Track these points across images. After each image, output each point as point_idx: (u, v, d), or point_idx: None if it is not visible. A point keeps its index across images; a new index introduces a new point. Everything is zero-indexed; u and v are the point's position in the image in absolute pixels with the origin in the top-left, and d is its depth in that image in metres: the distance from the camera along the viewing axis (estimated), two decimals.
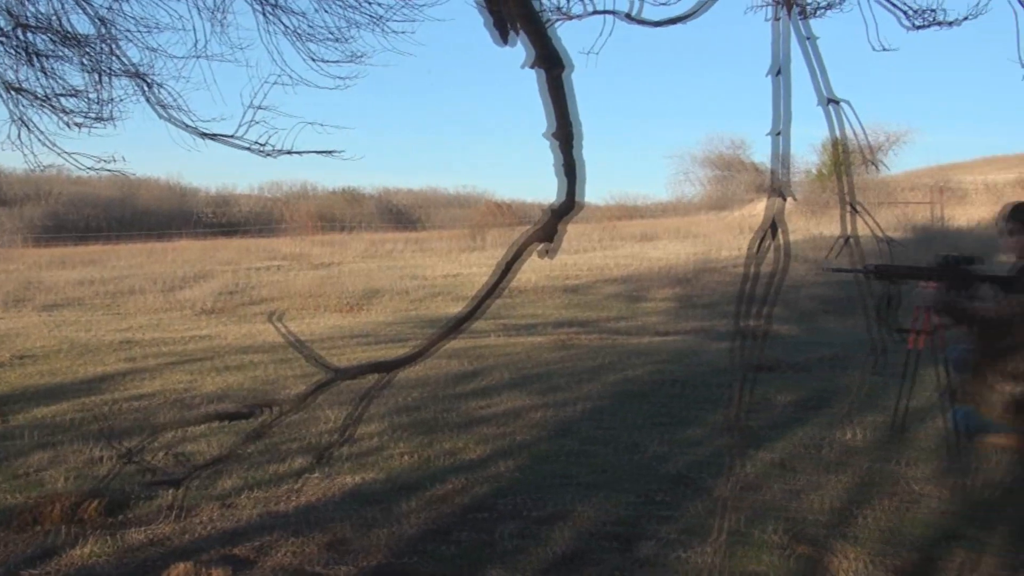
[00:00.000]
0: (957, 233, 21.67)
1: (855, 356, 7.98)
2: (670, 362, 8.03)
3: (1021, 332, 4.36)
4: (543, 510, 3.87)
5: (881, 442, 4.79)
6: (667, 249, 27.68)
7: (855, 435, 4.92)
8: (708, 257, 22.30)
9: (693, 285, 17.74)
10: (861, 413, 5.47)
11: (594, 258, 25.62)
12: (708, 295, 16.31)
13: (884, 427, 5.08)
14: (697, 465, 4.53)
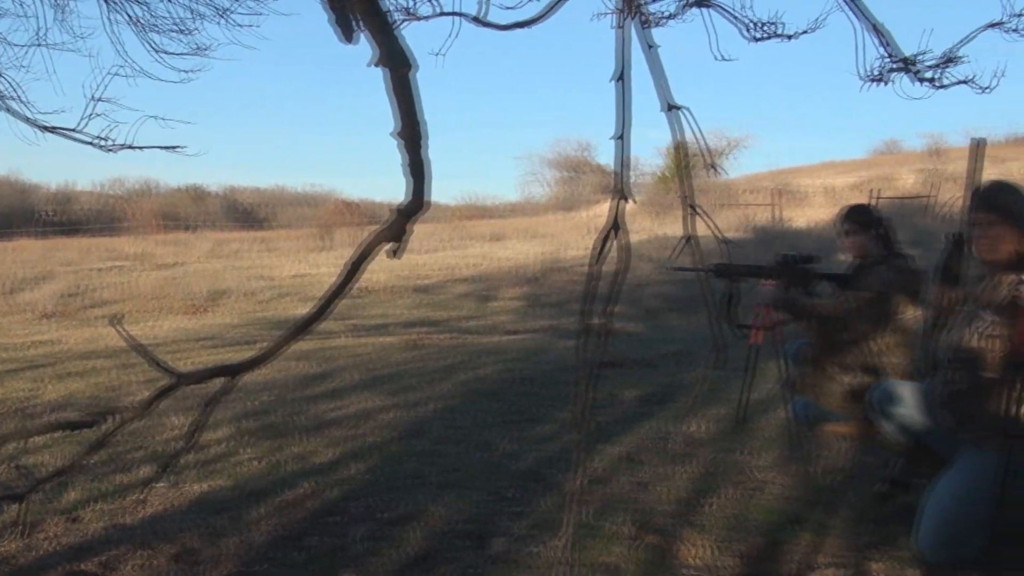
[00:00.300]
0: (797, 234, 22.60)
1: (698, 352, 8.24)
2: (519, 360, 8.10)
3: (856, 327, 4.59)
4: (395, 511, 3.84)
5: (725, 433, 4.95)
6: (516, 249, 27.89)
7: (700, 428, 5.07)
8: (556, 257, 22.58)
9: (541, 284, 17.94)
10: (705, 406, 5.64)
11: (444, 258, 25.60)
12: (556, 294, 16.52)
13: (728, 419, 5.25)
14: (547, 461, 4.58)
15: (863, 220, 4.79)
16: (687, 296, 14.05)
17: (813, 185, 39.29)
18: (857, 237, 4.80)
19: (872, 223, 4.79)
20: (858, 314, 4.59)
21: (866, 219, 4.80)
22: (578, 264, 20.18)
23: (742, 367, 5.14)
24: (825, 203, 36.37)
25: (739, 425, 5.07)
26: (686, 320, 12.26)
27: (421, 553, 3.35)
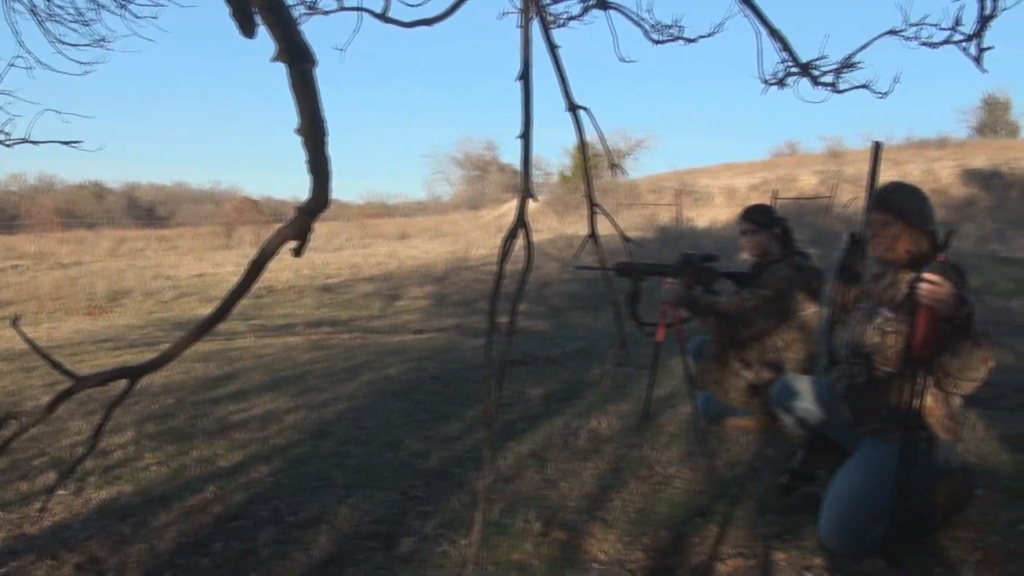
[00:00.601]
0: (698, 233, 23.01)
1: (603, 349, 8.33)
2: (426, 359, 8.08)
3: (756, 324, 4.69)
4: (302, 514, 3.79)
5: (630, 429, 5.01)
6: (422, 248, 27.84)
7: (605, 424, 5.12)
8: (462, 256, 22.61)
9: (448, 283, 17.93)
10: (610, 403, 5.70)
11: (349, 257, 25.40)
12: (463, 293, 16.53)
13: (633, 415, 5.31)
14: (455, 460, 4.57)
15: (763, 220, 4.89)
16: (592, 294, 14.21)
17: (715, 186, 40.08)
18: (757, 236, 4.89)
19: (772, 223, 4.89)
20: (758, 311, 4.68)
21: (766, 219, 4.89)
22: (484, 263, 20.24)
23: (646, 364, 5.21)
24: (726, 203, 37.15)
25: (644, 421, 5.13)
26: (591, 318, 12.39)
27: (329, 556, 3.31)
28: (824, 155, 44.19)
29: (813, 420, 3.65)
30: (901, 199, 3.31)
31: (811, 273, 4.79)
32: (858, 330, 3.34)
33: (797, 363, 4.75)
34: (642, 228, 25.77)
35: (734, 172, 44.11)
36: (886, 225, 3.31)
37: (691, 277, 4.89)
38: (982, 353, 2.91)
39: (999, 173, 33.90)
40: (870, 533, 3.13)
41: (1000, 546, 3.14)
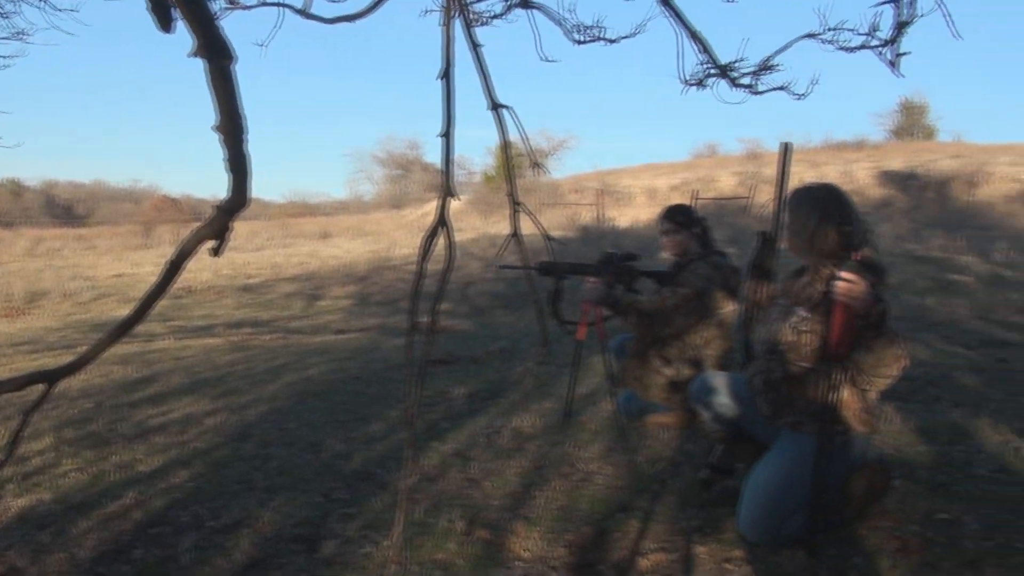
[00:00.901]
0: (620, 233, 23.21)
1: (526, 348, 8.35)
2: (348, 360, 8.02)
3: (676, 321, 4.74)
4: (223, 518, 3.73)
5: (553, 427, 5.03)
6: (344, 247, 27.62)
7: (528, 422, 5.13)
8: (385, 255, 22.49)
9: (370, 283, 17.82)
10: (533, 401, 5.72)
11: (270, 256, 25.09)
12: (385, 292, 16.45)
13: (555, 413, 5.33)
14: (377, 460, 4.55)
15: (683, 220, 4.95)
16: (515, 294, 14.24)
17: (636, 186, 40.47)
18: (677, 236, 4.95)
19: (692, 223, 4.95)
20: (678, 309, 4.74)
21: (686, 219, 4.95)
22: (407, 262, 20.15)
23: (568, 362, 5.23)
24: (647, 203, 37.53)
25: (566, 419, 5.15)
26: (514, 317, 12.41)
27: (251, 560, 3.27)
28: (743, 156, 44.93)
29: (731, 415, 3.71)
30: (802, 202, 3.38)
31: (730, 272, 4.87)
32: (775, 327, 3.40)
33: (716, 360, 4.82)
34: (565, 227, 25.89)
35: (655, 172, 44.59)
36: (791, 225, 3.40)
37: (612, 276, 4.93)
38: (896, 351, 2.98)
39: (915, 174, 34.84)
40: (788, 524, 3.20)
41: (918, 535, 3.23)
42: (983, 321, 9.14)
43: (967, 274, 13.65)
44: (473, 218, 36.27)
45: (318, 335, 11.05)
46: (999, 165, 34.21)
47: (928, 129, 52.95)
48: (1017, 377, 6.06)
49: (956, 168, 34.14)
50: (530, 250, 2.11)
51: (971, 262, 14.81)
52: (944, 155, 38.12)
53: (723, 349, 4.85)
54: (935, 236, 18.41)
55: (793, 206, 3.40)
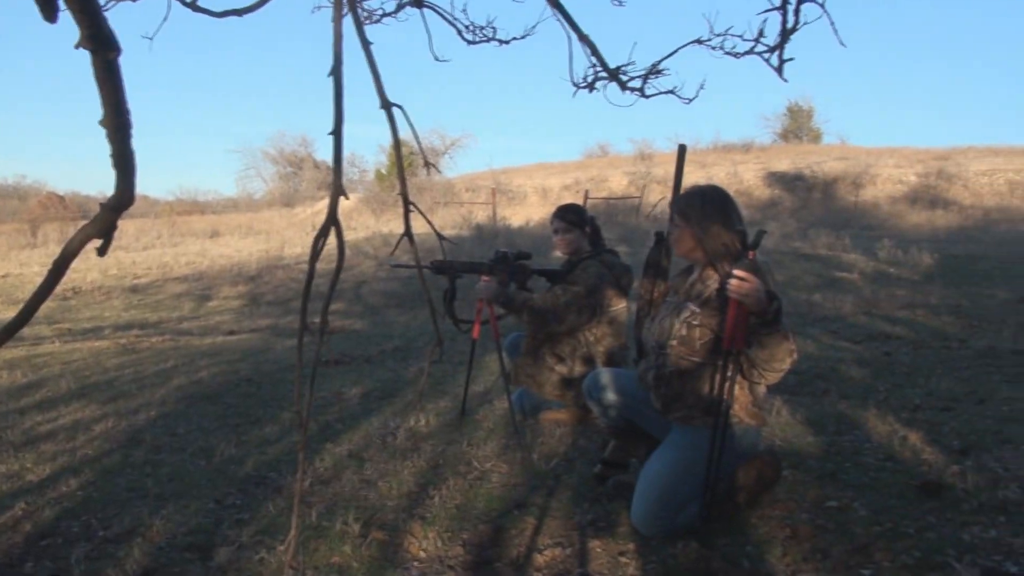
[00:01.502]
0: (513, 232, 23.32)
1: (420, 347, 8.34)
2: (240, 361, 7.90)
3: (568, 319, 4.79)
4: (115, 528, 3.63)
5: (448, 426, 5.04)
6: (235, 246, 27.11)
7: (423, 422, 5.13)
8: (276, 254, 22.15)
9: (262, 283, 17.55)
10: (428, 401, 5.72)
11: (158, 255, 24.47)
12: (277, 292, 16.22)
13: (450, 412, 5.35)
14: (270, 464, 4.49)
15: (575, 219, 5.00)
16: (408, 293, 14.20)
17: (529, 185, 40.72)
18: (569, 235, 5.01)
19: (583, 222, 5.01)
20: (570, 307, 4.79)
21: (578, 218, 5.01)
22: (299, 261, 19.91)
23: (463, 361, 5.25)
24: (540, 203, 37.81)
25: (462, 417, 5.17)
26: (408, 316, 12.39)
27: (144, 570, 3.19)
28: (634, 157, 45.55)
29: (623, 410, 3.77)
30: (691, 203, 3.46)
31: (621, 270, 4.95)
32: (666, 323, 3.47)
33: (608, 356, 4.90)
34: (458, 226, 25.91)
35: (548, 172, 44.92)
36: (679, 227, 3.48)
37: (506, 275, 4.97)
38: (788, 345, 3.08)
39: (802, 176, 35.87)
40: (681, 516, 3.27)
41: (808, 522, 3.34)
42: (868, 316, 9.48)
43: (853, 271, 14.15)
44: (366, 217, 36.00)
45: (208, 337, 10.85)
46: (884, 167, 35.47)
47: (814, 132, 54.55)
48: (902, 369, 6.30)
49: (842, 170, 35.27)
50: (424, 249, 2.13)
51: (856, 260, 15.36)
52: (830, 157, 39.34)
53: (615, 346, 4.93)
54: (821, 235, 19.00)
55: (685, 208, 3.46)
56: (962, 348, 7.14)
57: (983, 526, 3.21)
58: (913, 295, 11.26)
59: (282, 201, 54.99)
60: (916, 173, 33.99)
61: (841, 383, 5.86)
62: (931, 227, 24.99)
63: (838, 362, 6.62)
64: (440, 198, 37.38)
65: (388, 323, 11.63)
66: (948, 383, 5.69)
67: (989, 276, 13.31)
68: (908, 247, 15.50)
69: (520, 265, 5.04)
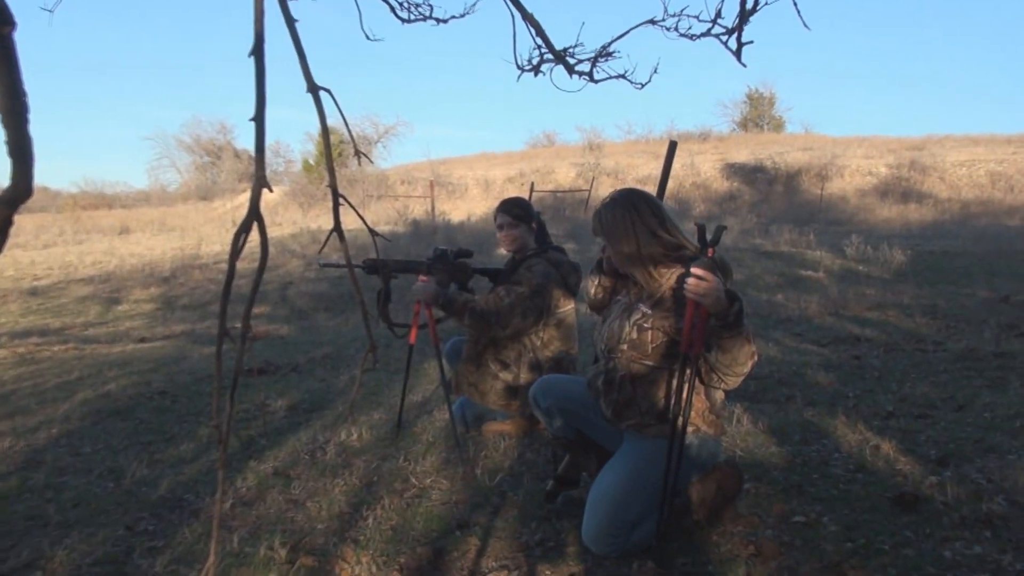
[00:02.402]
0: (453, 227, 23.29)
1: (352, 354, 8.30)
2: (153, 372, 7.79)
3: (513, 321, 4.79)
4: (12, 560, 3.55)
5: (383, 440, 5.02)
6: (146, 244, 26.78)
7: (356, 435, 5.11)
8: (193, 253, 21.92)
9: (177, 284, 17.34)
10: (361, 412, 5.69)
11: (61, 254, 24.09)
12: (193, 295, 16.04)
13: (385, 424, 5.33)
14: (187, 485, 4.44)
15: (520, 213, 5.00)
16: (338, 294, 14.12)
17: (470, 177, 40.77)
18: (514, 231, 5.01)
19: (529, 216, 5.01)
20: (515, 309, 4.79)
21: (523, 212, 5.01)
22: (218, 261, 19.72)
23: (399, 368, 5.23)
24: (482, 196, 37.86)
25: (398, 430, 5.16)
26: (339, 320, 12.33)
27: None
28: (582, 147, 45.89)
29: (571, 419, 3.78)
30: (605, 220, 3.49)
31: (568, 269, 4.96)
32: (615, 325, 3.48)
33: (556, 362, 4.91)
34: (393, 222, 25.85)
35: (490, 163, 45.06)
36: (611, 248, 3.51)
37: (445, 274, 4.96)
38: (750, 348, 3.10)
39: (762, 167, 36.34)
40: (635, 534, 3.29)
41: (773, 539, 3.37)
42: (836, 317, 9.63)
43: (818, 269, 14.34)
44: (292, 211, 35.80)
45: (117, 344, 10.70)
46: (852, 158, 36.04)
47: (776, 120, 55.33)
48: (872, 374, 6.41)
49: (806, 161, 35.78)
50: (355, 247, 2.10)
51: (822, 257, 15.56)
52: (793, 147, 39.93)
53: (563, 350, 4.94)
54: (784, 231, 19.24)
55: (615, 219, 3.45)
56: (938, 351, 7.26)
57: (966, 542, 3.25)
58: (884, 295, 11.43)
59: (199, 194, 54.44)
60: (887, 164, 34.58)
61: (807, 389, 5.94)
62: (903, 222, 25.42)
63: (803, 367, 6.71)
64: (373, 191, 37.28)
65: (317, 328, 11.55)
66: (924, 388, 5.78)
67: (968, 274, 13.54)
68: (878, 243, 15.73)
69: (460, 264, 5.04)
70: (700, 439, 3.41)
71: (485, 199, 36.87)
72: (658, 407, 3.36)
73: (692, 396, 3.32)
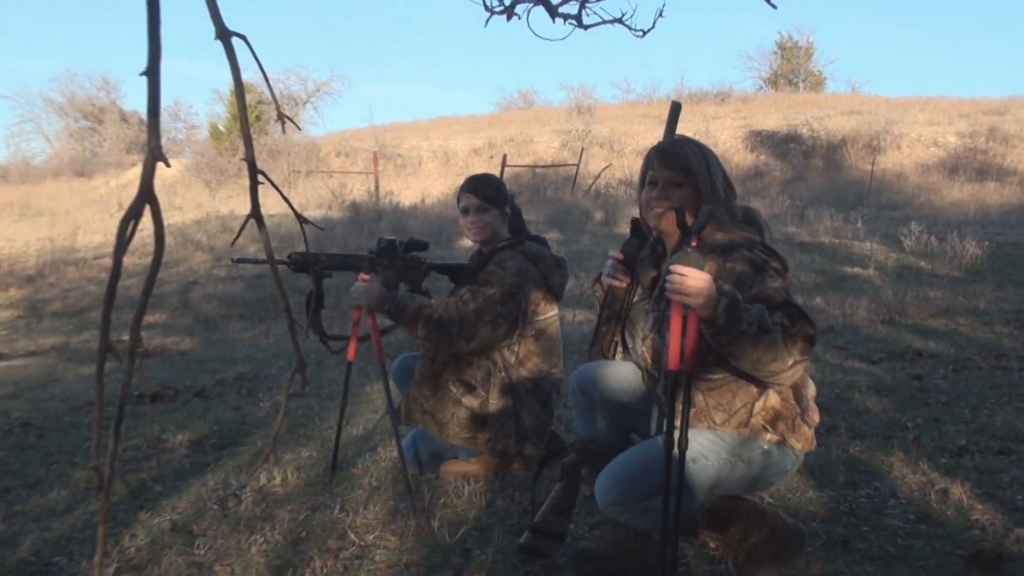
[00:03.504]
0: (404, 212, 23.26)
1: (275, 375, 8.27)
2: (12, 399, 7.75)
3: (481, 332, 4.77)
4: None
5: (315, 484, 5.01)
6: (5, 233, 26.64)
7: (280, 479, 5.09)
8: (66, 245, 21.78)
9: (45, 284, 17.25)
10: (286, 449, 5.68)
11: None
12: (67, 298, 15.96)
13: (317, 464, 5.33)
14: (58, 544, 4.41)
15: (491, 194, 5.00)
16: (257, 298, 14.10)
17: (425, 148, 40.71)
18: (482, 217, 5.00)
19: (502, 199, 5.01)
20: (481, 316, 4.77)
21: (495, 193, 5.01)
22: (100, 255, 19.63)
23: (334, 393, 5.21)
24: (440, 172, 37.86)
25: (333, 472, 5.15)
26: (257, 331, 12.29)
27: None
28: (568, 110, 45.87)
29: (625, 417, 3.81)
30: (691, 152, 3.48)
31: (550, 265, 4.95)
32: (657, 340, 3.49)
33: (535, 383, 4.91)
34: (327, 205, 25.79)
35: (451, 130, 45.01)
36: (678, 188, 3.49)
37: (393, 272, 4.95)
38: (770, 339, 3.02)
39: (797, 136, 36.45)
40: (649, 500, 3.36)
41: None
42: (890, 326, 9.66)
43: (868, 266, 14.37)
44: (196, 191, 35.67)
45: None
46: (912, 125, 36.06)
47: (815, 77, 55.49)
48: (938, 398, 6.43)
49: (853, 128, 35.85)
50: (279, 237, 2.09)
51: (873, 250, 15.60)
52: (837, 111, 40.01)
53: (543, 369, 4.93)
54: (825, 217, 19.28)
55: (685, 157, 3.47)
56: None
57: None
58: (953, 297, 11.48)
59: (74, 169, 54.05)
60: (958, 132, 34.68)
61: (854, 418, 5.95)
62: (979, 205, 25.39)
63: (849, 389, 6.73)
64: (302, 165, 37.20)
65: (228, 341, 11.51)
66: (1006, 416, 5.80)
67: None
68: (945, 233, 15.72)
69: (413, 259, 5.03)
70: (775, 449, 3.41)
71: (444, 176, 36.87)
72: (739, 411, 3.38)
73: (774, 401, 3.33)
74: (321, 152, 40.85)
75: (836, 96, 49.58)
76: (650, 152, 3.57)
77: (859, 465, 4.92)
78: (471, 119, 49.63)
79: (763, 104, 45.19)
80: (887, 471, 4.82)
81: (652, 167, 3.54)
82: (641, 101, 52.96)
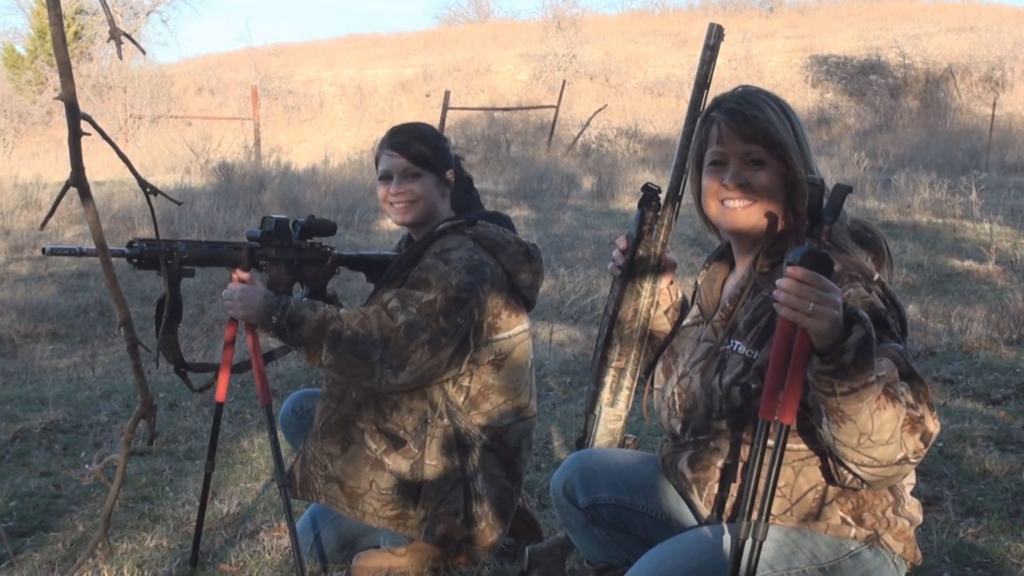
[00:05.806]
0: (297, 178, 23.21)
1: (105, 422, 8.23)
2: None
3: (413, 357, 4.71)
4: None
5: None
6: None
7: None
8: None
9: None
10: (127, 532, 5.66)
11: None
12: None
13: (172, 557, 5.31)
14: None
15: (422, 153, 4.96)
16: (78, 308, 14.08)
17: (328, 82, 40.62)
18: (410, 186, 4.95)
19: (440, 159, 4.98)
20: (413, 333, 4.71)
21: (429, 151, 4.97)
22: None
23: (195, 452, 5.18)
24: (350, 118, 37.84)
25: (193, 569, 5.13)
26: (76, 356, 12.24)
27: None
28: (543, 24, 45.83)
29: (627, 522, 3.81)
30: (773, 113, 3.44)
31: (516, 256, 4.91)
32: (700, 383, 3.48)
33: (495, 433, 4.88)
34: (184, 168, 25.75)
35: (367, 54, 45.00)
36: (760, 168, 3.45)
37: (283, 267, 4.93)
38: (895, 411, 2.96)
39: (880, 64, 36.55)
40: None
41: None
42: (1020, 349, 9.66)
43: (986, 258, 14.37)
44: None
45: None
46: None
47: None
48: None
49: (965, 52, 35.97)
50: (114, 214, 2.08)
51: (994, 234, 15.60)
52: (940, 27, 40.13)
53: (505, 409, 4.89)
54: (921, 185, 19.32)
55: (767, 121, 3.42)
56: None
57: None
58: None
59: None
60: None
61: (965, 483, 5.96)
62: None
63: (958, 441, 6.73)
64: (146, 107, 37.08)
65: (34, 372, 11.45)
66: None
67: None
68: None
69: (313, 248, 5.02)
70: (867, 550, 3.40)
71: (358, 124, 36.86)
72: (806, 498, 3.39)
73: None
74: (175, 88, 40.74)
75: (939, 4, 49.76)
76: (711, 113, 3.51)
77: (972, 552, 4.94)
78: (398, 38, 49.64)
79: (830, 16, 45.32)
80: (1010, 561, 4.83)
81: (718, 138, 3.47)
82: (647, 11, 53.13)
